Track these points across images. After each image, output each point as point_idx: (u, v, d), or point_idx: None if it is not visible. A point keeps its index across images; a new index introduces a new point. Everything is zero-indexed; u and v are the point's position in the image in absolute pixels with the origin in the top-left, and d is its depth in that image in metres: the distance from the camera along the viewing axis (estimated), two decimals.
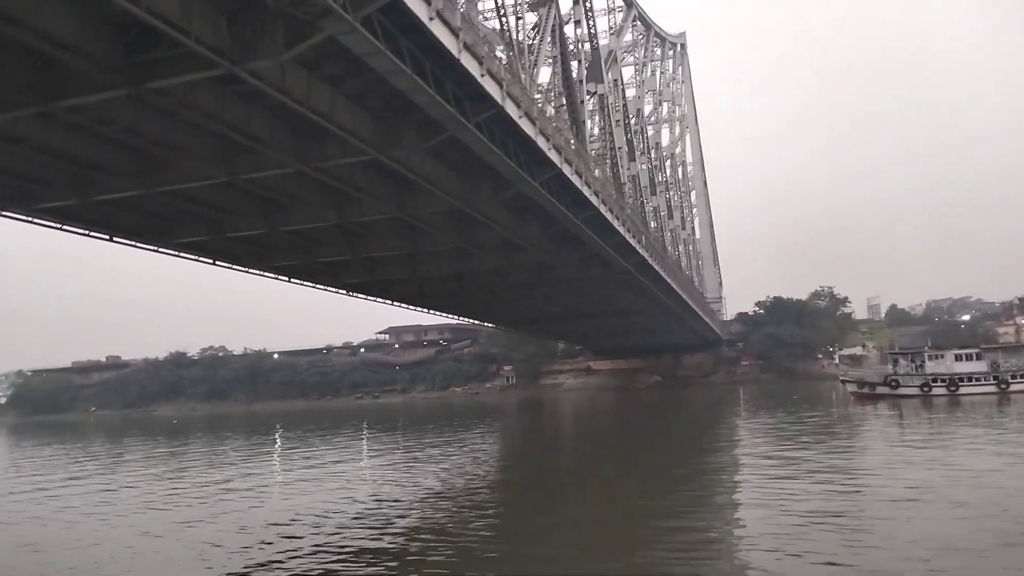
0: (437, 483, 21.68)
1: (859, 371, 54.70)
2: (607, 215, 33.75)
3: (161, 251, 32.01)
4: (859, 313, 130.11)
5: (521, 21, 33.35)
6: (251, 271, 37.37)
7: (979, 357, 46.12)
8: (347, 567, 12.20)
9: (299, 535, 14.88)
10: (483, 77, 19.22)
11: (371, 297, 48.06)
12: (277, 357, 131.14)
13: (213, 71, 15.29)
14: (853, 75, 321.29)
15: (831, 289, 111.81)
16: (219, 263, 35.32)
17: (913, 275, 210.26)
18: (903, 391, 45.63)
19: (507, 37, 31.04)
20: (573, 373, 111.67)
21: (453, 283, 45.04)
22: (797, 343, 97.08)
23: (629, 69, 74.14)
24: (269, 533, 15.20)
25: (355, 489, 21.35)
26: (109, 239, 29.22)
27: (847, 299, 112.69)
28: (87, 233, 28.20)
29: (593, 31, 49.21)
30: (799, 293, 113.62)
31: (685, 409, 55.37)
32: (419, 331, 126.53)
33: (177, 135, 19.86)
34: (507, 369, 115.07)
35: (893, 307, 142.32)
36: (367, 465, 29.26)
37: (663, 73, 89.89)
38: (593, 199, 31.06)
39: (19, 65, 15.47)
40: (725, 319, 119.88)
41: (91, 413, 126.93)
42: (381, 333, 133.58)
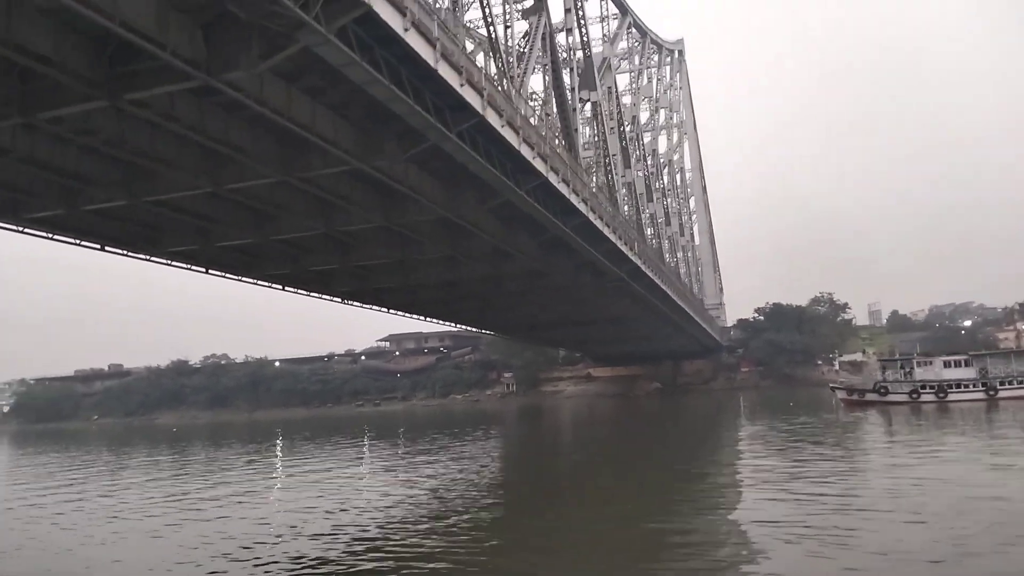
0: (432, 492, 21.30)
1: (849, 378, 54.52)
2: (596, 223, 33.80)
3: (153, 260, 32.27)
4: (860, 319, 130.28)
5: (510, 30, 33.65)
6: (244, 280, 37.56)
7: (968, 364, 45.92)
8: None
9: (263, 545, 14.71)
10: (463, 87, 19.34)
11: (365, 305, 48.13)
12: (279, 365, 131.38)
13: (190, 83, 15.49)
14: (851, 76, 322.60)
15: (831, 295, 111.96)
16: (211, 272, 35.49)
17: (916, 280, 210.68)
18: (892, 398, 45.54)
19: (495, 46, 31.31)
20: (573, 380, 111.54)
21: (445, 291, 44.98)
22: (797, 349, 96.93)
23: (625, 76, 74.31)
24: (231, 546, 14.97)
25: (345, 498, 21.10)
26: (100, 248, 29.43)
27: (847, 305, 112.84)
28: (78, 243, 28.44)
29: (586, 39, 49.60)
30: (800, 299, 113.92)
31: (683, 417, 55.10)
32: (420, 338, 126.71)
33: (161, 146, 20.03)
34: (507, 376, 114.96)
35: (895, 313, 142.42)
36: (364, 472, 29.07)
37: (660, 80, 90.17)
38: (581, 207, 31.13)
39: None
40: (726, 325, 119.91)
41: (93, 421, 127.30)
42: (382, 340, 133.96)
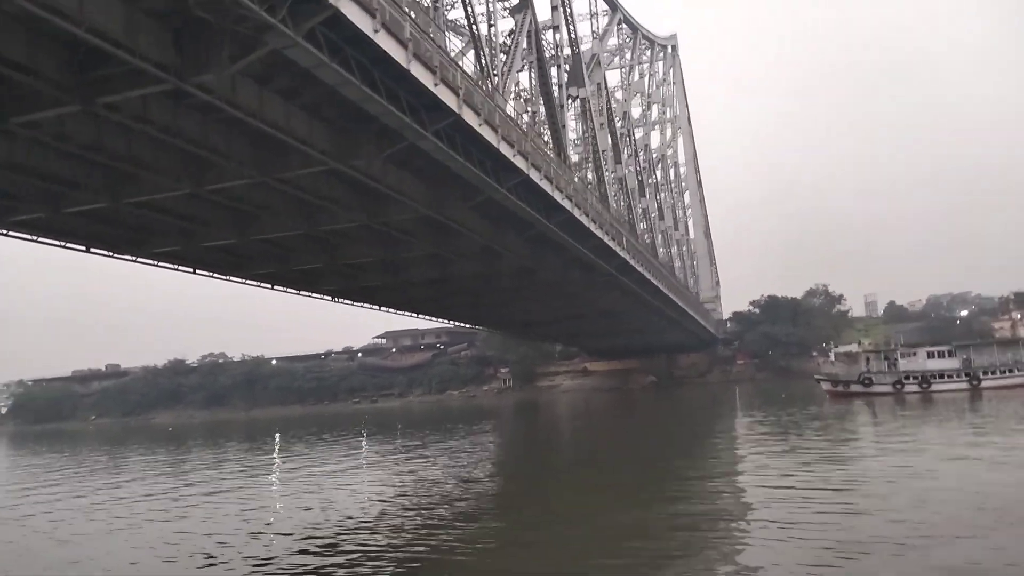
0: (424, 489, 20.78)
1: (833, 370, 54.70)
2: (582, 218, 33.90)
3: (140, 261, 32.36)
4: (857, 310, 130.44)
5: (494, 28, 33.67)
6: (232, 279, 37.68)
7: (951, 354, 46.12)
8: None
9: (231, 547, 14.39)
10: (437, 86, 19.42)
11: (356, 303, 48.29)
12: (275, 363, 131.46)
13: (161, 86, 15.61)
14: (851, 71, 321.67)
15: (826, 287, 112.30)
16: (199, 272, 35.64)
17: (913, 271, 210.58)
18: (876, 389, 45.75)
19: (478, 44, 31.37)
20: (569, 374, 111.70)
21: (436, 288, 45.05)
22: (792, 342, 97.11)
23: (617, 73, 74.30)
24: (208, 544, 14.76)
25: (336, 496, 20.51)
26: (86, 250, 29.54)
27: (842, 297, 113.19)
28: (63, 245, 28.55)
29: (574, 36, 49.58)
30: (799, 291, 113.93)
31: (676, 411, 55.10)
32: (416, 335, 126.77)
33: (138, 149, 20.15)
34: (503, 371, 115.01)
35: (891, 304, 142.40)
36: (361, 467, 28.81)
37: (653, 75, 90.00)
38: (566, 203, 31.23)
39: None
40: (723, 318, 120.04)
41: (91, 421, 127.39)
42: (378, 337, 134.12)
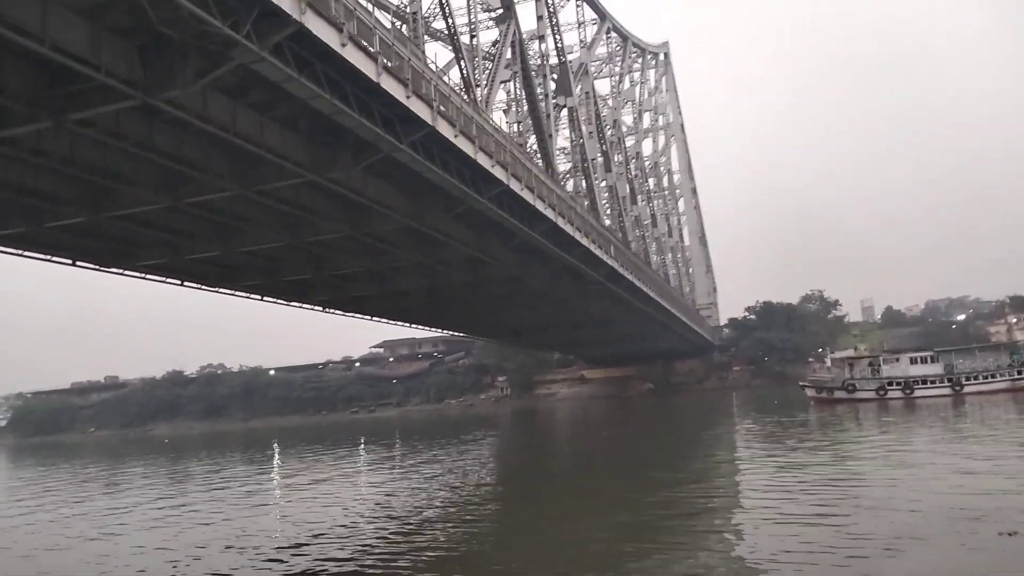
0: (418, 499, 20.71)
1: (829, 375, 54.77)
2: (566, 227, 34.05)
3: (127, 274, 32.44)
4: (854, 315, 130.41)
5: (475, 39, 33.92)
6: (221, 291, 37.80)
7: (934, 360, 46.17)
8: None
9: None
10: (409, 99, 19.59)
11: (347, 313, 48.40)
12: (273, 373, 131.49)
13: (129, 102, 15.76)
14: (849, 66, 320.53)
15: (821, 292, 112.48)
16: (187, 284, 35.72)
17: (912, 276, 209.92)
18: (860, 395, 45.85)
19: (459, 56, 31.63)
20: (567, 382, 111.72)
21: (426, 297, 45.19)
22: (788, 347, 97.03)
23: (607, 81, 74.60)
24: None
25: (329, 507, 20.53)
26: (72, 263, 29.63)
27: (838, 302, 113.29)
28: (49, 259, 28.66)
29: (560, 45, 49.90)
30: (797, 296, 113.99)
31: (673, 418, 55.02)
32: (413, 344, 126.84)
33: (115, 163, 20.30)
34: (501, 380, 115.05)
35: (889, 308, 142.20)
36: (351, 479, 28.68)
37: (644, 83, 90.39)
38: (548, 212, 31.38)
39: None
40: (719, 324, 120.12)
41: (90, 434, 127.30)
42: (376, 347, 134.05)
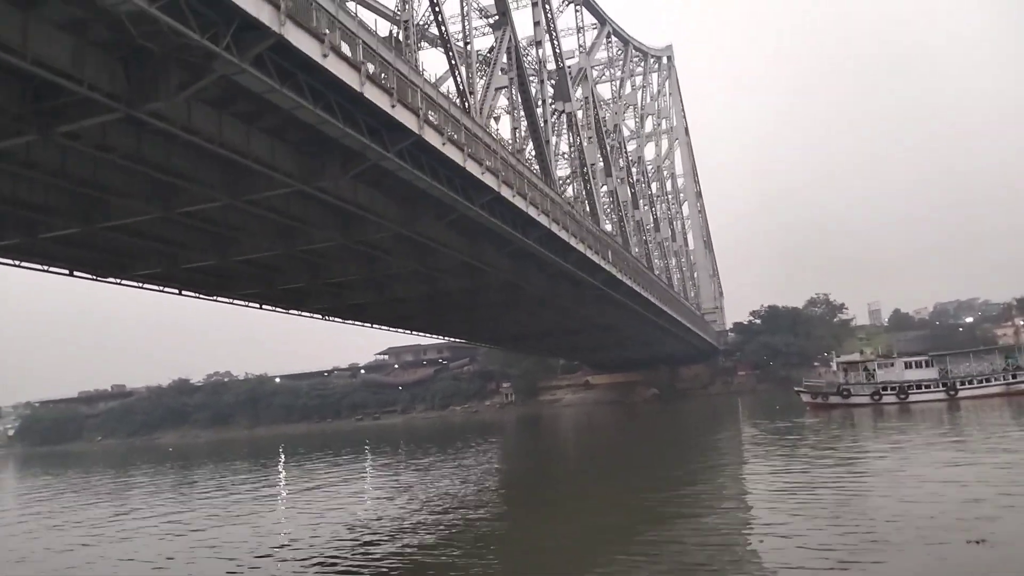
0: (422, 506, 20.70)
1: (813, 381, 54.48)
2: (561, 233, 34.06)
3: (124, 284, 32.61)
4: (861, 319, 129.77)
5: (470, 46, 34.04)
6: (218, 300, 37.98)
7: (929, 364, 45.92)
8: None
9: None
10: (394, 108, 19.68)
11: (346, 321, 48.48)
12: (279, 381, 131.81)
13: (113, 115, 15.91)
14: (849, 66, 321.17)
15: (827, 296, 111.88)
16: (185, 293, 35.91)
17: (920, 278, 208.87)
18: (854, 400, 45.67)
19: (453, 64, 31.75)
20: (571, 388, 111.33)
21: (424, 304, 45.29)
22: (793, 352, 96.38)
23: (608, 86, 74.63)
24: None
25: (335, 513, 20.57)
26: (69, 274, 29.84)
27: (843, 305, 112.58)
28: (46, 269, 28.87)
29: (559, 51, 50.00)
30: (804, 299, 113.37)
31: (678, 424, 54.58)
32: (418, 351, 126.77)
33: (105, 175, 20.47)
34: (506, 386, 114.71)
35: (896, 311, 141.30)
36: (357, 487, 28.62)
37: (647, 87, 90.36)
38: (542, 218, 31.40)
39: None
40: (725, 329, 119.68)
41: (96, 443, 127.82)
42: (381, 354, 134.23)
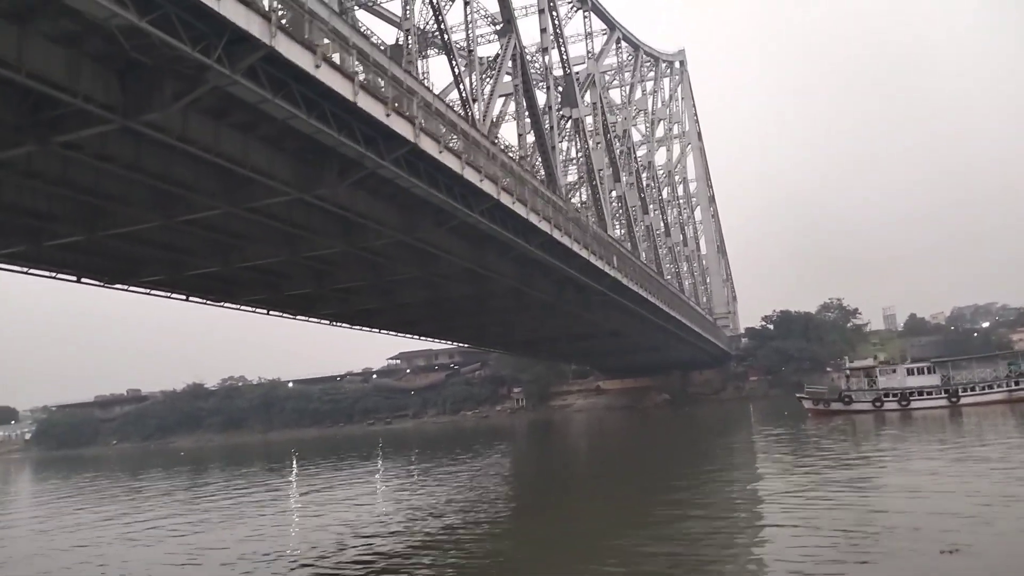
0: (432, 512, 21.28)
1: (815, 388, 54.13)
2: (563, 240, 34.07)
3: (131, 290, 32.93)
4: (876, 323, 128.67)
5: (473, 54, 34.20)
6: (226, 306, 38.26)
7: (931, 371, 45.57)
8: None
9: None
10: (389, 117, 19.81)
11: (354, 327, 48.68)
12: (291, 385, 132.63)
13: (109, 125, 16.14)
14: (851, 68, 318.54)
15: (840, 300, 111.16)
16: (193, 299, 36.20)
17: (938, 282, 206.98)
18: (856, 406, 45.39)
19: (456, 73, 31.95)
20: (583, 394, 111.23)
21: (431, 310, 45.46)
22: (805, 357, 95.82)
23: (618, 91, 74.51)
24: None
25: (347, 518, 20.93)
26: (77, 280, 30.10)
27: (857, 310, 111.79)
28: (54, 276, 29.20)
29: (566, 57, 50.08)
30: (817, 302, 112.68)
31: (688, 430, 54.38)
32: (430, 355, 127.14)
33: (107, 184, 20.70)
34: (517, 391, 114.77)
35: (912, 316, 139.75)
36: (369, 492, 28.56)
37: (658, 92, 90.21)
38: (543, 225, 31.42)
39: None
40: (738, 334, 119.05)
41: (112, 447, 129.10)
42: (393, 359, 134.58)
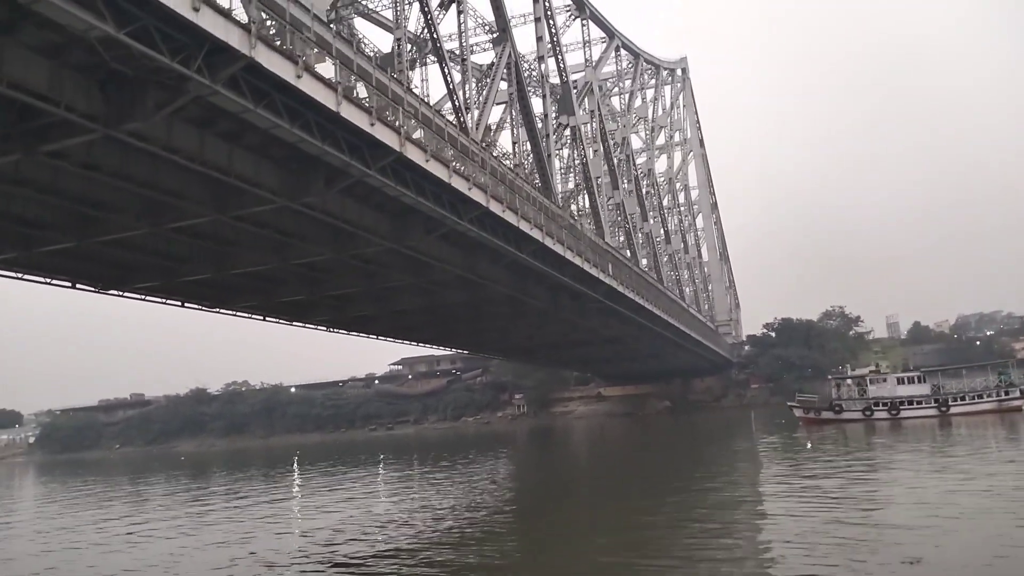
0: (431, 520, 21.31)
1: (806, 396, 54.00)
2: (555, 247, 34.16)
3: (126, 296, 33.13)
4: (879, 331, 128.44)
5: (467, 62, 34.41)
6: (221, 312, 38.42)
7: (921, 380, 45.56)
8: None
9: None
10: (373, 126, 19.98)
11: (352, 332, 48.86)
12: (293, 391, 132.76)
13: (92, 135, 16.34)
14: (851, 68, 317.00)
15: (842, 308, 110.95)
16: (188, 305, 36.35)
17: (939, 282, 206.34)
18: (847, 415, 45.35)
19: (449, 82, 32.16)
20: (584, 400, 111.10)
21: (429, 316, 45.60)
22: (806, 365, 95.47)
23: (617, 99, 74.66)
24: None
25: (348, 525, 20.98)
26: (71, 286, 30.39)
27: (859, 318, 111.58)
28: (48, 281, 29.42)
29: (563, 65, 50.29)
30: (821, 307, 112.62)
31: (689, 438, 54.16)
32: (432, 361, 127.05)
33: (95, 191, 20.95)
34: (518, 398, 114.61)
35: (916, 324, 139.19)
36: (371, 496, 28.71)
37: (659, 99, 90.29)
38: (535, 233, 31.52)
39: None
40: (741, 341, 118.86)
41: (115, 450, 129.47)
42: (395, 364, 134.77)
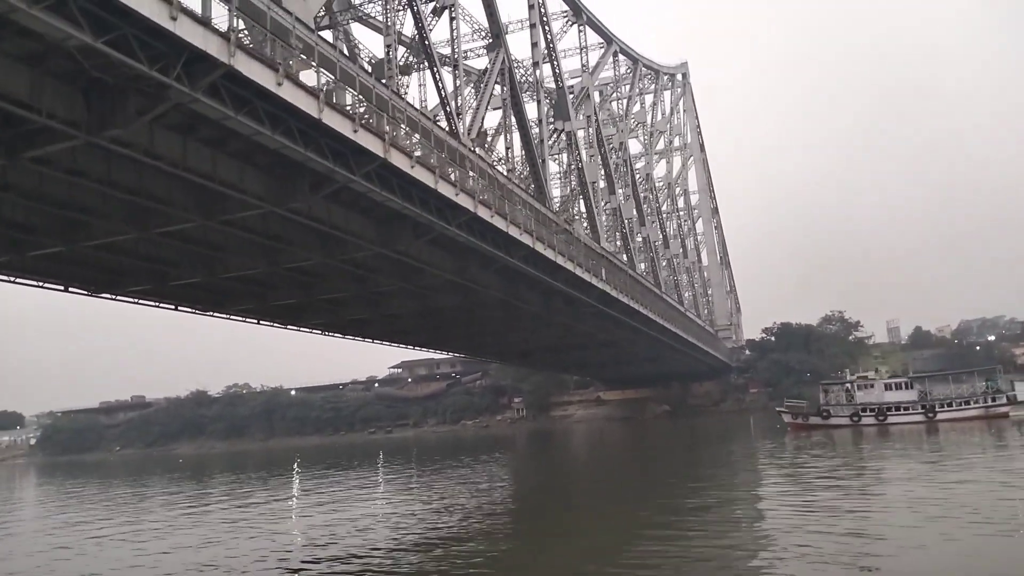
0: (423, 523, 21.49)
1: (794, 402, 53.99)
2: (546, 252, 34.25)
3: (119, 300, 33.30)
4: (880, 336, 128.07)
5: (459, 69, 34.56)
6: (215, 315, 38.57)
7: (909, 386, 45.58)
8: None
9: None
10: (357, 132, 20.10)
11: (347, 336, 48.99)
12: (293, 393, 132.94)
13: (73, 141, 16.50)
14: (851, 68, 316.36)
15: (842, 313, 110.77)
16: (181, 309, 36.56)
17: (940, 283, 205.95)
18: (834, 421, 45.37)
19: (440, 88, 32.33)
20: (583, 404, 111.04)
21: (423, 320, 45.70)
22: (805, 370, 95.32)
23: (615, 104, 74.73)
24: None
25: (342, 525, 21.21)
26: (64, 289, 30.59)
27: (859, 323, 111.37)
28: (40, 285, 29.60)
29: (558, 71, 50.44)
30: (821, 310, 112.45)
31: (687, 442, 54.16)
32: (431, 364, 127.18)
33: (82, 197, 21.09)
34: (517, 401, 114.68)
35: (918, 329, 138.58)
36: (370, 500, 29.09)
37: (659, 104, 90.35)
38: (525, 238, 31.62)
39: None
40: (741, 346, 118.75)
41: (115, 452, 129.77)
42: (395, 367, 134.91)
